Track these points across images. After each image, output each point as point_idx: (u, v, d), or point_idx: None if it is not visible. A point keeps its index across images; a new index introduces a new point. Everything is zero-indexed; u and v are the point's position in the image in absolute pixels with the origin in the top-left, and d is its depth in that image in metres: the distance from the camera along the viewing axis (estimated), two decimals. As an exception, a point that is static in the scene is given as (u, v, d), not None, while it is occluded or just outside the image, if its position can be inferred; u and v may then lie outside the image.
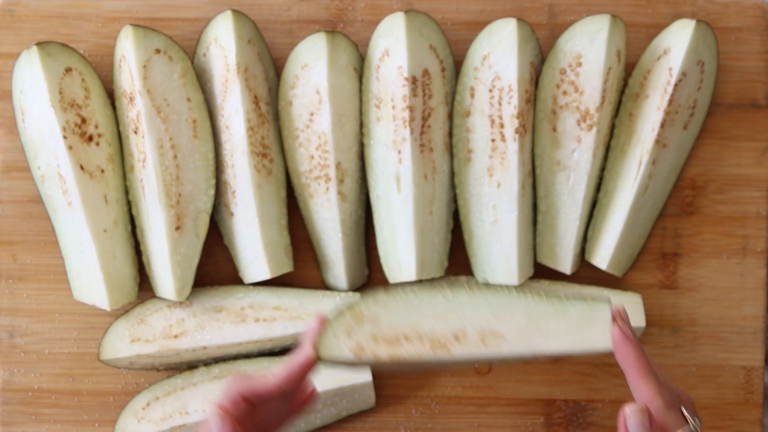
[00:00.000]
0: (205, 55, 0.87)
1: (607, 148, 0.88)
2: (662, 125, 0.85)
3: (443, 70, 0.87)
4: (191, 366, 0.89)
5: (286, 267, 0.87)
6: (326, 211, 0.87)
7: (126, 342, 0.87)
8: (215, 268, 0.90)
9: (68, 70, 0.84)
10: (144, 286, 0.89)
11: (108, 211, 0.86)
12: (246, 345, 0.87)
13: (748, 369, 0.90)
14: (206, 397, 0.86)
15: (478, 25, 0.88)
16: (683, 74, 0.85)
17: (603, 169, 0.89)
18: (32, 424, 0.90)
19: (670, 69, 0.85)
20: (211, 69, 0.86)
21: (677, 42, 0.85)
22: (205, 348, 0.87)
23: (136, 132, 0.83)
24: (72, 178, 0.84)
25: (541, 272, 0.90)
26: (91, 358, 0.90)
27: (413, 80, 0.84)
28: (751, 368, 0.90)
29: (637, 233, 0.89)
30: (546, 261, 0.88)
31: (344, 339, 0.70)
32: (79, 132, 0.84)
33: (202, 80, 0.87)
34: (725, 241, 0.90)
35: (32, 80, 0.83)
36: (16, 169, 0.90)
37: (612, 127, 0.88)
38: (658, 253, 0.91)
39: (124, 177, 0.87)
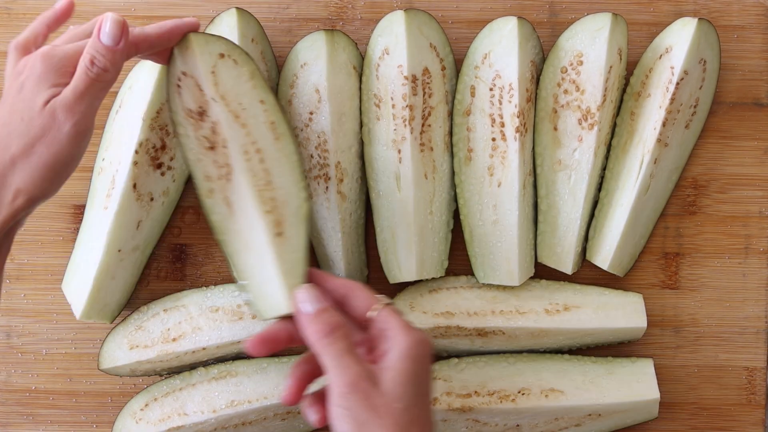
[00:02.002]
0: (204, 53, 0.86)
1: (609, 147, 0.88)
2: (664, 124, 0.85)
3: (443, 68, 0.87)
4: (193, 368, 0.88)
5: (284, 267, 0.87)
6: (326, 210, 0.86)
7: (125, 349, 0.86)
8: (213, 268, 0.90)
9: None
10: (137, 295, 0.89)
11: (134, 237, 0.85)
12: (245, 343, 0.86)
13: (750, 369, 0.90)
14: (205, 398, 0.85)
15: (478, 24, 0.88)
16: (685, 73, 0.84)
17: (604, 168, 0.88)
18: (29, 425, 0.90)
19: (672, 67, 0.85)
20: (210, 68, 0.86)
21: (679, 40, 0.85)
22: (204, 349, 0.86)
23: (213, 148, 0.74)
24: (120, 189, 0.83)
25: (541, 272, 0.89)
26: (89, 359, 0.90)
27: (413, 79, 0.84)
28: (754, 369, 0.90)
29: (639, 233, 0.88)
30: (547, 261, 0.88)
31: None
32: (152, 155, 0.84)
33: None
34: (727, 240, 0.90)
35: (142, 87, 0.84)
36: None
37: (613, 126, 0.88)
38: (659, 252, 0.90)
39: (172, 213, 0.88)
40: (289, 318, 0.71)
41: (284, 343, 0.70)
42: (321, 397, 0.68)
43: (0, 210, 0.64)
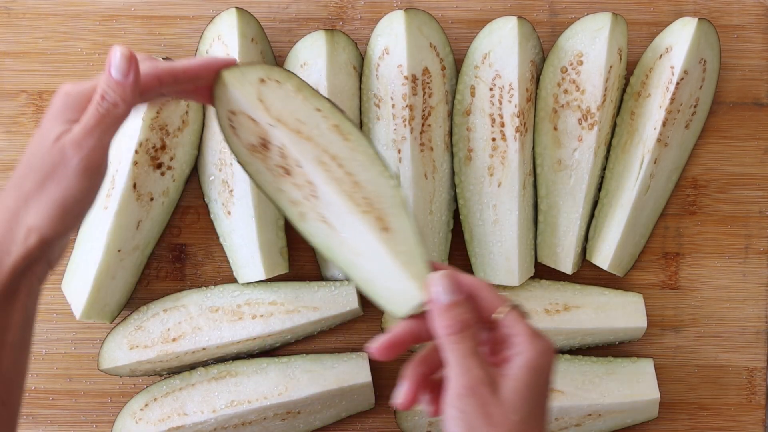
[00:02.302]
0: (207, 52, 0.86)
1: (609, 147, 0.88)
2: (664, 124, 0.85)
3: (443, 68, 0.87)
4: (192, 368, 0.88)
5: (281, 268, 0.87)
6: (325, 210, 0.86)
7: (125, 350, 0.86)
8: (213, 268, 0.90)
9: None
10: (137, 295, 0.89)
11: (134, 237, 0.85)
12: (245, 343, 0.86)
13: (750, 369, 0.90)
14: (204, 398, 0.85)
15: (478, 23, 0.88)
16: (685, 72, 0.84)
17: (604, 168, 0.88)
18: (29, 425, 0.90)
19: (672, 67, 0.85)
20: (210, 67, 0.86)
21: (679, 40, 0.85)
22: (204, 349, 0.86)
23: (288, 173, 0.71)
24: (120, 189, 0.84)
25: (541, 272, 0.89)
26: (89, 359, 0.90)
27: (413, 79, 0.84)
28: (754, 369, 0.90)
29: (639, 233, 0.88)
30: (547, 261, 0.88)
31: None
32: (152, 155, 0.84)
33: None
34: (727, 240, 0.90)
35: None
36: (13, 169, 0.89)
37: (613, 126, 0.88)
38: (659, 252, 0.90)
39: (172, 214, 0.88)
40: (414, 315, 0.67)
41: (410, 343, 0.66)
42: (437, 386, 0.66)
43: (12, 248, 0.61)
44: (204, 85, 0.69)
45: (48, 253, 0.64)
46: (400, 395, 0.65)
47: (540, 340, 0.62)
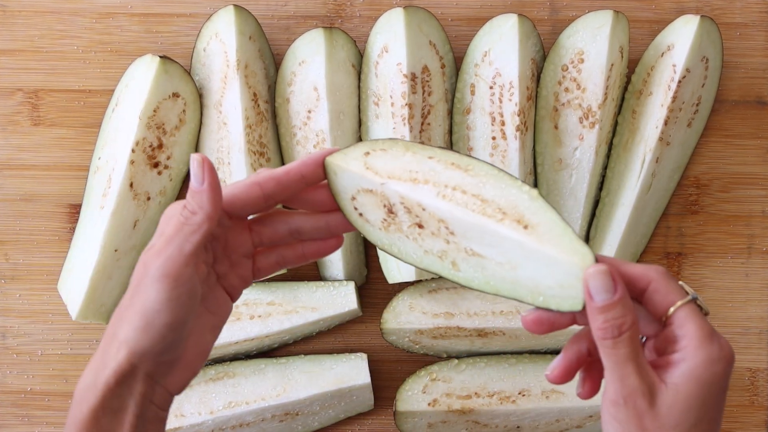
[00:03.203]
0: (205, 49, 0.86)
1: (610, 146, 0.87)
2: (666, 123, 0.84)
3: (443, 66, 0.86)
4: (187, 368, 0.88)
5: (280, 268, 0.86)
6: (324, 209, 0.86)
7: (121, 348, 0.86)
8: (211, 268, 0.89)
9: (175, 95, 0.84)
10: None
11: (130, 236, 0.84)
12: (243, 343, 0.86)
13: (753, 370, 0.89)
14: (202, 399, 0.85)
15: (478, 21, 0.87)
16: (687, 71, 0.84)
17: (605, 167, 0.88)
18: (25, 426, 0.89)
19: (674, 65, 0.84)
20: (210, 64, 0.86)
21: (681, 38, 0.84)
22: (201, 349, 0.86)
23: (421, 225, 0.65)
24: (117, 188, 0.83)
25: (542, 272, 0.89)
26: (85, 360, 0.89)
27: (412, 77, 0.83)
28: (756, 369, 0.89)
29: (641, 232, 0.88)
30: (547, 261, 0.87)
31: (421, 394, 0.85)
32: (149, 153, 0.84)
33: (200, 75, 0.86)
34: (730, 240, 0.89)
35: (139, 85, 0.83)
36: (9, 167, 0.89)
37: (615, 125, 0.87)
38: (661, 252, 0.90)
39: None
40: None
41: (565, 326, 0.60)
42: (595, 365, 0.61)
43: (108, 362, 0.59)
44: (312, 184, 0.65)
45: (144, 368, 0.59)
46: (553, 368, 0.60)
47: (712, 345, 0.54)
